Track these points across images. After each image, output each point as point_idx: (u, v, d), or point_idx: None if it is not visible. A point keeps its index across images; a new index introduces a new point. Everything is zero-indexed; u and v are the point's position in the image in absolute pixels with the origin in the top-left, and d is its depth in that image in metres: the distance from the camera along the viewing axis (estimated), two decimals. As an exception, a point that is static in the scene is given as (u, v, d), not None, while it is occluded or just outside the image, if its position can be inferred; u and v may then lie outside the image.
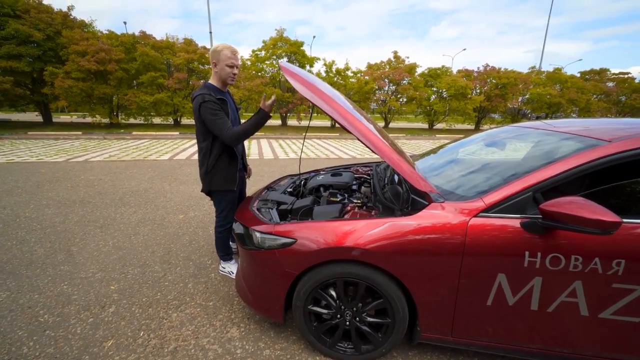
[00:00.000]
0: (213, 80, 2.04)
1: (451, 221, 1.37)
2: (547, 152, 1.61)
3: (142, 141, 10.96)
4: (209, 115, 1.90)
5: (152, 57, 14.06)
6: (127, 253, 2.69)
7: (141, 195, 4.43)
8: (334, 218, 1.65)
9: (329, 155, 9.09)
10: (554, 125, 1.95)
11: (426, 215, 1.41)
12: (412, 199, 1.57)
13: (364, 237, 1.42)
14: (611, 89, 21.63)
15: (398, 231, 1.41)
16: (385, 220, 1.44)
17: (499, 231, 1.32)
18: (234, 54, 1.95)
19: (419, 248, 1.38)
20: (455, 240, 1.35)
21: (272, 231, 1.58)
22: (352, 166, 2.89)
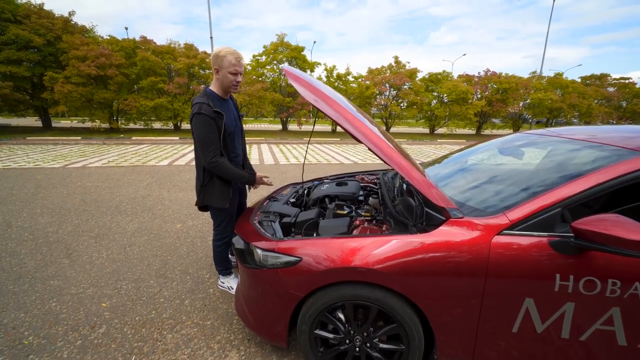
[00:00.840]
0: (214, 87, 1.92)
1: (472, 239, 1.24)
2: (569, 162, 1.50)
3: (141, 146, 10.86)
4: (200, 128, 1.79)
5: (153, 62, 14.04)
6: (121, 266, 2.56)
7: (138, 202, 4.30)
8: (342, 234, 1.52)
9: (330, 160, 8.98)
10: (568, 133, 1.84)
11: (444, 233, 1.29)
12: (426, 214, 1.45)
13: (375, 256, 1.30)
14: (612, 94, 21.61)
15: (413, 250, 1.29)
16: (399, 238, 1.32)
17: (525, 251, 1.20)
18: (239, 61, 1.82)
19: (437, 269, 1.26)
20: (477, 261, 1.23)
21: (275, 248, 1.45)
22: (357, 174, 2.78)
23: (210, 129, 1.79)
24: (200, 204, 2.06)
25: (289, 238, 1.49)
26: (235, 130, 2.01)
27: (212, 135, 1.80)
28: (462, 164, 2.08)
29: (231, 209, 2.08)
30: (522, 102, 19.59)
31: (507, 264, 1.21)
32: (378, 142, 1.40)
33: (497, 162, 1.93)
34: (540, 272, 1.18)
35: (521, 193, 1.39)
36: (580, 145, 1.61)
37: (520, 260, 1.20)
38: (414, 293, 1.29)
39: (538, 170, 1.58)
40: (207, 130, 1.79)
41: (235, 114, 2.04)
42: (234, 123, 1.98)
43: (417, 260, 1.27)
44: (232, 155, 1.99)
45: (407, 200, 1.66)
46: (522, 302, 1.21)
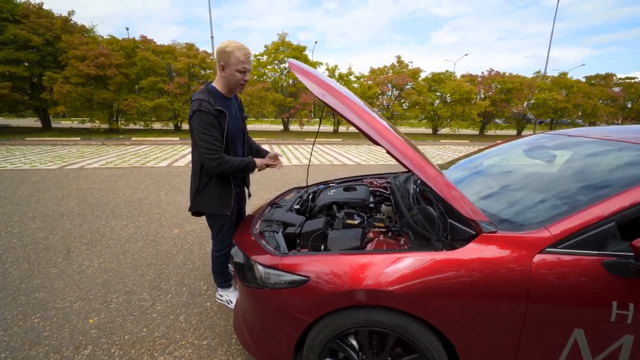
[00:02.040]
0: (218, 84, 1.74)
1: (510, 258, 1.07)
2: (614, 166, 1.32)
3: (141, 147, 10.71)
4: (199, 128, 1.62)
5: (153, 62, 13.88)
6: (112, 276, 2.39)
7: (135, 206, 4.13)
8: (354, 248, 1.34)
9: (333, 162, 8.80)
10: (599, 133, 1.66)
11: (476, 250, 1.11)
12: (451, 226, 1.27)
13: (394, 276, 1.12)
14: (618, 94, 21.34)
15: (440, 270, 1.11)
16: (422, 255, 1.14)
17: (574, 273, 1.02)
18: (247, 58, 1.64)
19: (468, 292, 1.08)
20: (516, 283, 1.05)
21: (279, 264, 1.28)
22: (365, 178, 2.60)
23: (212, 126, 1.63)
24: (194, 209, 1.89)
25: (294, 253, 1.32)
26: (238, 132, 1.84)
27: (214, 134, 1.64)
28: (485, 167, 1.90)
29: (231, 216, 1.90)
30: (527, 103, 19.34)
31: (552, 288, 1.03)
32: (394, 141, 1.23)
33: (524, 166, 1.74)
34: (594, 299, 1.00)
35: (563, 203, 1.21)
36: (618, 147, 1.44)
37: (569, 284, 1.02)
38: (440, 319, 1.12)
39: (577, 176, 1.39)
40: (209, 128, 1.63)
41: (238, 114, 1.87)
42: (236, 124, 1.82)
43: (444, 281, 1.09)
44: None
45: (426, 210, 1.48)
46: (570, 332, 1.04)
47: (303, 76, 1.32)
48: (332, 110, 1.28)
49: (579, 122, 23.21)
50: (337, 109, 1.25)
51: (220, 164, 1.64)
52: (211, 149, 1.63)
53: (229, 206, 1.82)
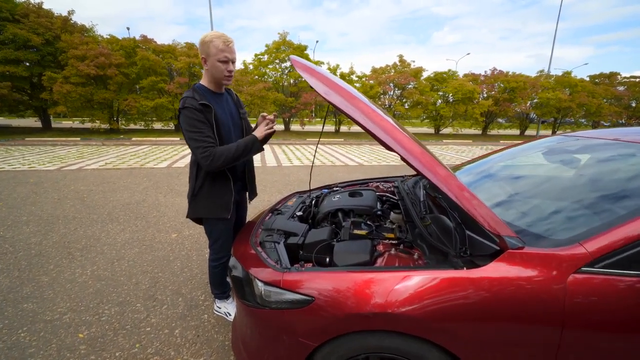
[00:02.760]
0: (204, 80, 1.63)
1: (541, 278, 0.95)
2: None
3: (141, 147, 10.62)
4: (185, 126, 1.51)
5: (153, 62, 13.79)
6: (106, 285, 2.28)
7: (132, 209, 4.03)
8: (363, 263, 1.22)
9: (335, 162, 8.68)
10: (626, 135, 1.53)
11: (501, 269, 0.99)
12: (469, 239, 1.15)
13: (409, 297, 1.00)
14: (622, 93, 21.11)
15: (461, 291, 0.99)
16: (440, 274, 1.02)
17: (615, 295, 0.90)
18: (228, 45, 1.51)
19: (493, 317, 0.96)
20: (548, 307, 0.93)
21: (280, 281, 1.16)
22: (371, 181, 2.47)
23: (199, 122, 1.51)
24: (192, 215, 1.78)
25: (297, 268, 1.20)
26: (234, 130, 1.70)
27: (202, 129, 1.51)
28: (501, 171, 1.78)
29: (229, 222, 1.79)
30: (530, 102, 19.16)
31: (590, 313, 0.91)
32: (404, 141, 1.10)
33: (545, 170, 1.61)
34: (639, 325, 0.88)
35: (597, 215, 1.08)
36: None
37: (609, 308, 0.90)
38: (460, 346, 1.00)
39: (610, 184, 1.26)
40: (195, 124, 1.50)
41: (232, 111, 1.73)
42: (229, 120, 1.68)
43: (466, 304, 0.97)
44: None
45: (441, 220, 1.35)
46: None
47: (306, 73, 1.21)
48: (336, 109, 1.16)
49: (583, 122, 23.01)
50: (342, 107, 1.13)
51: (214, 158, 1.50)
52: (200, 146, 1.50)
53: (229, 209, 1.70)
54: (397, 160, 9.22)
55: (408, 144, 1.11)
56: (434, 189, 1.81)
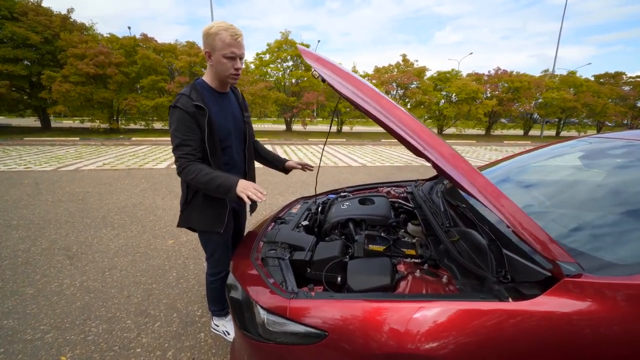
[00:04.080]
0: (207, 77, 1.44)
1: (612, 315, 0.77)
2: None
3: (140, 147, 10.46)
4: (172, 124, 1.35)
5: (153, 60, 13.63)
6: (95, 298, 2.10)
7: (128, 212, 3.86)
8: (383, 288, 1.05)
9: (338, 163, 8.50)
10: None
11: (558, 302, 0.81)
12: (508, 260, 0.98)
13: (444, 336, 0.82)
14: (628, 93, 20.85)
15: (509, 328, 0.81)
16: (482, 307, 0.84)
17: None
18: (236, 39, 1.29)
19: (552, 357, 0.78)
20: (619, 349, 0.75)
21: (286, 309, 0.98)
22: (381, 186, 2.29)
23: (185, 126, 1.33)
24: (183, 225, 1.60)
25: (306, 294, 1.02)
26: (233, 134, 1.51)
27: (186, 136, 1.33)
28: (531, 178, 1.59)
29: (226, 235, 1.60)
30: (534, 102, 18.93)
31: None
32: (428, 138, 0.93)
33: (587, 177, 1.42)
34: None
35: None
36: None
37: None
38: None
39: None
40: (180, 128, 1.33)
41: (235, 113, 1.53)
42: (230, 124, 1.48)
43: (517, 346, 0.80)
44: (223, 165, 1.47)
45: (471, 235, 1.17)
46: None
47: (316, 62, 1.03)
48: (349, 101, 0.98)
49: (587, 122, 22.73)
50: (356, 101, 0.95)
51: (185, 171, 1.32)
52: (178, 151, 1.34)
53: (222, 223, 1.50)
54: (401, 162, 9.04)
55: (435, 142, 0.93)
56: (451, 195, 1.63)
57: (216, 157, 1.41)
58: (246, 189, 1.20)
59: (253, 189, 1.20)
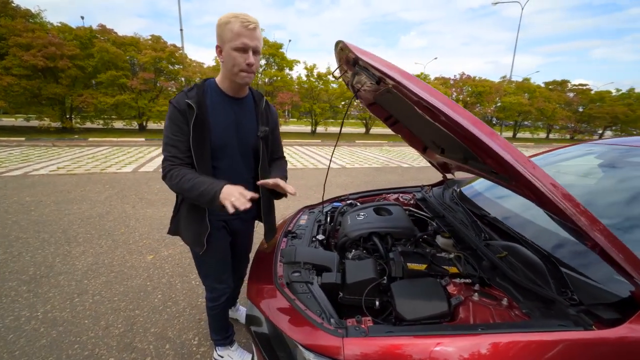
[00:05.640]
0: (219, 77, 1.24)
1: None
2: None
3: (100, 149, 9.54)
4: (165, 121, 1.21)
5: (113, 54, 12.51)
6: (65, 332, 1.78)
7: (95, 224, 3.41)
8: (441, 316, 0.93)
9: (317, 164, 8.38)
10: None
11: None
12: (570, 279, 0.91)
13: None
14: (572, 99, 23.10)
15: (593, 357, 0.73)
16: (566, 337, 0.76)
17: None
18: (247, 26, 1.08)
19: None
20: None
21: (341, 351, 0.82)
22: (386, 193, 2.19)
23: (174, 125, 1.16)
24: (172, 233, 1.39)
25: (358, 329, 0.87)
26: (237, 146, 1.28)
27: (175, 136, 1.17)
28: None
29: (218, 255, 1.38)
30: (495, 105, 20.29)
31: None
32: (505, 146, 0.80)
33: (602, 182, 1.41)
34: None
35: None
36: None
37: None
38: None
39: None
40: (170, 126, 1.17)
41: (244, 123, 1.28)
42: (231, 134, 1.25)
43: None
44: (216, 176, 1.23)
45: (520, 251, 1.10)
46: None
47: (365, 56, 0.89)
48: (419, 100, 0.82)
49: (539, 125, 24.83)
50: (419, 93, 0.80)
51: (168, 176, 1.16)
52: (164, 155, 1.19)
53: (201, 245, 1.27)
54: (379, 163, 9.14)
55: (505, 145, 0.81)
56: (470, 203, 1.55)
57: (203, 169, 1.20)
58: (230, 194, 1.02)
59: (237, 194, 1.02)
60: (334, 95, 17.08)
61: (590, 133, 26.60)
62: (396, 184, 6.33)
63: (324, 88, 16.97)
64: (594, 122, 24.25)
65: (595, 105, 23.17)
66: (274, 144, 1.46)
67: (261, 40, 1.17)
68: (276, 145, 1.48)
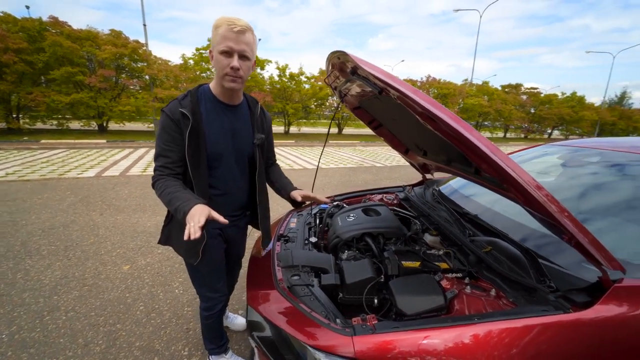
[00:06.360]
0: (213, 82, 1.23)
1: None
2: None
3: (55, 152, 8.76)
4: (158, 129, 1.19)
5: (68, 49, 11.52)
6: (38, 354, 1.64)
7: (59, 234, 3.16)
8: (438, 310, 1.01)
9: (292, 165, 8.37)
10: (611, 145, 1.63)
11: (613, 309, 0.87)
12: (551, 271, 1.03)
13: (527, 354, 0.82)
14: (525, 101, 25.13)
15: (577, 340, 0.84)
16: (548, 321, 0.86)
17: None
18: (232, 29, 1.06)
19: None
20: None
21: (352, 349, 0.86)
22: (370, 193, 2.27)
23: (167, 135, 1.15)
24: (163, 242, 1.36)
25: (365, 327, 0.91)
26: (233, 155, 1.27)
27: (166, 146, 1.15)
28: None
29: (212, 264, 1.37)
30: (458, 107, 21.51)
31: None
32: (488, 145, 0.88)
33: (584, 181, 1.58)
34: None
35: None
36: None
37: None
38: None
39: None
40: (162, 135, 1.16)
41: (239, 131, 1.28)
42: (227, 142, 1.24)
43: (589, 354, 0.83)
44: (210, 189, 1.24)
45: (502, 245, 1.21)
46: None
47: (368, 67, 0.93)
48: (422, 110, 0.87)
49: (498, 125, 26.72)
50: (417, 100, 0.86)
51: (155, 185, 1.16)
52: (155, 165, 1.18)
53: (196, 255, 1.25)
54: (353, 163, 9.33)
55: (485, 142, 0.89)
56: (451, 202, 1.67)
57: (199, 178, 1.19)
58: (191, 218, 0.96)
59: (196, 220, 0.94)
60: (306, 95, 17.11)
61: (541, 132, 29.16)
62: (372, 183, 6.52)
63: (297, 88, 16.94)
64: (544, 123, 26.62)
65: (545, 107, 25.45)
66: (268, 150, 1.46)
67: (251, 45, 1.13)
68: (271, 151, 1.50)
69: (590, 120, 26.20)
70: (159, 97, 12.40)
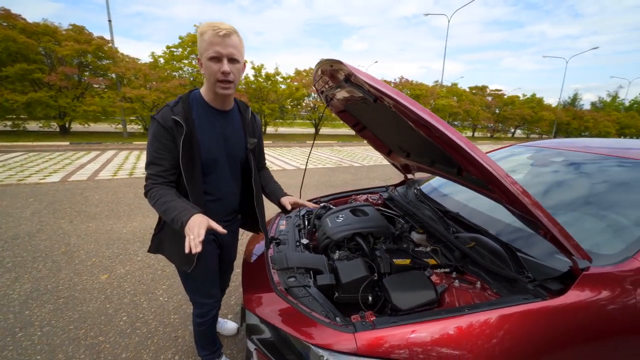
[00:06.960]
0: (203, 88, 1.22)
1: (619, 298, 0.97)
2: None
3: (11, 155, 8.07)
4: (148, 136, 1.17)
5: (23, 45, 10.64)
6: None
7: (24, 245, 2.94)
8: (431, 303, 1.08)
9: (271, 166, 8.30)
10: (583, 146, 1.82)
11: (584, 294, 0.98)
12: (528, 262, 1.14)
13: (514, 339, 0.91)
14: (491, 103, 26.63)
15: (554, 324, 0.95)
16: (530, 308, 0.95)
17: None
18: (217, 33, 1.05)
19: (585, 342, 0.95)
20: (629, 325, 0.96)
21: (355, 344, 0.91)
22: (355, 194, 2.34)
23: (158, 142, 1.13)
24: (153, 251, 1.34)
25: (365, 324, 0.96)
26: (227, 161, 1.28)
27: (158, 154, 1.14)
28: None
29: (207, 271, 1.36)
30: (429, 107, 22.39)
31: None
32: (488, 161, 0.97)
33: (550, 179, 1.73)
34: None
35: (633, 226, 1.19)
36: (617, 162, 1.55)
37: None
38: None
39: (615, 191, 1.41)
40: (154, 143, 1.14)
41: (231, 136, 1.27)
42: (220, 148, 1.24)
43: (561, 339, 0.94)
44: (204, 195, 1.24)
45: (484, 241, 1.31)
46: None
47: (363, 76, 0.98)
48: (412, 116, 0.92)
49: (466, 125, 28.10)
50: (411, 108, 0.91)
51: (147, 194, 1.15)
52: (147, 173, 1.17)
53: (190, 263, 1.24)
54: (332, 163, 9.43)
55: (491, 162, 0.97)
56: (432, 201, 1.77)
57: (194, 185, 1.19)
58: (191, 230, 0.95)
59: (196, 233, 0.94)
60: (282, 95, 17.01)
61: (505, 132, 31.03)
62: (352, 182, 6.63)
63: (273, 88, 16.80)
64: (507, 122, 28.37)
65: (508, 108, 27.13)
66: (259, 154, 1.48)
67: (238, 47, 1.12)
68: (261, 155, 1.51)
69: (549, 120, 28.28)
70: (127, 97, 11.81)
